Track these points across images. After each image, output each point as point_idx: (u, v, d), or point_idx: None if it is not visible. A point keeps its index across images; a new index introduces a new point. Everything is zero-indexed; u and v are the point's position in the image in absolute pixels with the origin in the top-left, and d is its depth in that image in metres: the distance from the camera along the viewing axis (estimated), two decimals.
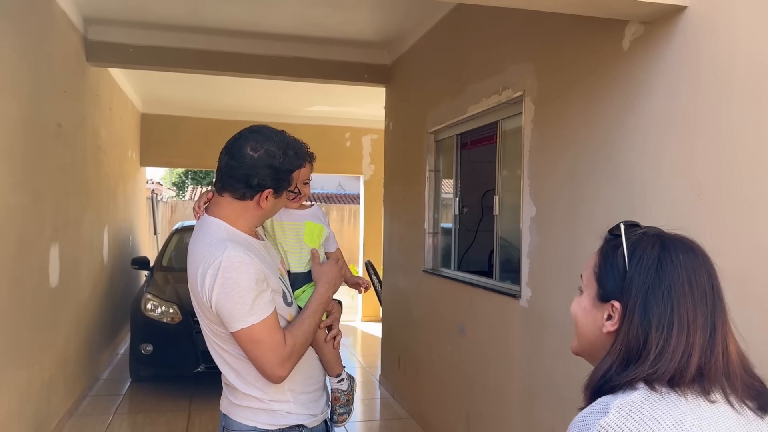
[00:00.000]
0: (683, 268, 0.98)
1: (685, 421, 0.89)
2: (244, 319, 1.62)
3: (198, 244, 1.71)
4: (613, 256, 1.03)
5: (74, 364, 5.11)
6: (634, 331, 0.97)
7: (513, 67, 3.46)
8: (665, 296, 0.96)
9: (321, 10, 4.75)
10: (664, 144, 2.27)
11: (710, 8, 2.08)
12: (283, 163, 1.71)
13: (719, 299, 0.99)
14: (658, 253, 0.99)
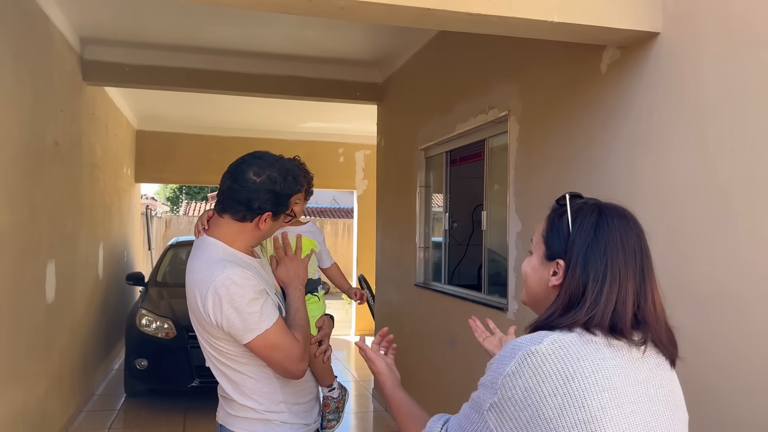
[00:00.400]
0: (617, 230, 1.13)
1: (602, 367, 1.03)
2: (257, 327, 1.71)
3: (196, 265, 1.79)
4: (558, 222, 1.18)
5: (69, 379, 5.16)
6: (575, 283, 1.12)
7: (498, 88, 3.57)
8: (601, 254, 1.11)
9: (315, 31, 4.87)
10: (639, 162, 2.38)
11: (680, 35, 2.19)
12: (283, 188, 1.80)
13: (647, 257, 1.14)
14: (596, 218, 1.14)
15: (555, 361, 1.02)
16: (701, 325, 2.04)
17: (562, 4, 2.19)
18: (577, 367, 1.01)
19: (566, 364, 1.02)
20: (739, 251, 1.90)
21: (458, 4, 2.08)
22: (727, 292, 1.94)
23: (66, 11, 4.56)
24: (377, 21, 2.21)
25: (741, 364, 1.89)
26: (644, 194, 2.34)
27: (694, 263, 2.08)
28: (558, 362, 1.02)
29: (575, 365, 1.02)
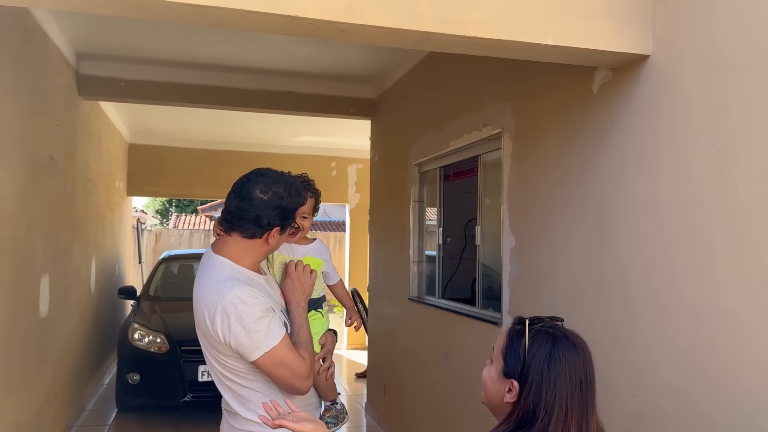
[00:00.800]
0: (567, 363, 1.29)
1: None
2: (264, 345, 1.75)
3: (204, 283, 1.83)
4: (517, 343, 1.34)
5: (62, 394, 5.14)
6: (527, 407, 1.28)
7: (492, 105, 3.64)
8: (552, 386, 1.27)
9: (309, 48, 4.94)
10: (629, 181, 2.44)
11: (670, 58, 2.27)
12: (289, 202, 1.86)
13: (591, 387, 1.31)
14: (550, 349, 1.30)
15: None
16: (695, 342, 2.10)
17: (556, 28, 2.26)
18: None
19: None
20: (731, 269, 1.96)
21: (456, 28, 2.14)
22: (720, 311, 2.00)
23: (63, 27, 4.60)
24: (377, 43, 2.27)
25: (730, 375, 1.95)
26: (636, 213, 2.40)
27: (685, 283, 2.14)
28: None
29: None
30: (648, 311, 2.33)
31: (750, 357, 1.88)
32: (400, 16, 2.09)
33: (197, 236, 18.80)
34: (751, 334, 1.88)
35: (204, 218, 23.17)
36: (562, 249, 2.92)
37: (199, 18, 2.03)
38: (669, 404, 2.20)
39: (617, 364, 2.49)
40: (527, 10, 2.23)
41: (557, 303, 2.95)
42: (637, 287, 2.38)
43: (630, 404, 2.41)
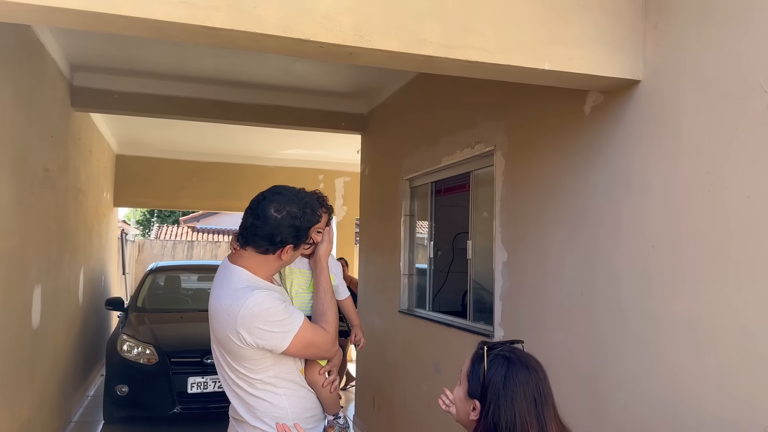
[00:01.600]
0: (520, 384, 1.47)
1: None
2: (291, 330, 1.88)
3: (223, 291, 1.91)
4: (478, 367, 1.53)
5: (49, 406, 5.11)
6: (488, 424, 1.46)
7: (484, 123, 3.75)
8: (509, 405, 1.44)
9: (303, 65, 5.03)
10: (621, 200, 2.55)
11: (660, 83, 2.39)
12: (303, 222, 1.94)
13: (546, 401, 1.49)
14: (504, 372, 1.48)
15: None
16: (683, 355, 2.20)
17: (552, 53, 2.37)
18: None
19: None
20: (718, 287, 2.07)
21: (458, 53, 2.24)
22: (707, 325, 2.10)
23: (59, 39, 4.64)
24: (383, 66, 2.36)
25: (715, 388, 2.05)
26: (627, 230, 2.51)
27: (675, 298, 2.25)
28: None
29: None
30: (638, 325, 2.43)
31: (734, 369, 1.98)
32: (405, 41, 2.19)
33: (180, 247, 18.68)
34: (735, 348, 1.98)
35: (186, 229, 23.04)
36: (554, 264, 3.02)
37: (214, 40, 2.10)
38: (657, 415, 2.30)
39: (608, 376, 2.59)
40: (525, 36, 2.34)
41: (549, 316, 3.05)
42: (628, 302, 2.49)
43: (621, 415, 2.50)
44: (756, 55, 1.98)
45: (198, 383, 5.66)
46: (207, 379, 5.68)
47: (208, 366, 5.70)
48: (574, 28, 2.40)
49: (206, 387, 5.69)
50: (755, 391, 1.91)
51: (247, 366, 1.88)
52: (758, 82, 1.96)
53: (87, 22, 2.01)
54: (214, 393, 5.69)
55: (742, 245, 1.98)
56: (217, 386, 5.69)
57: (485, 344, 1.57)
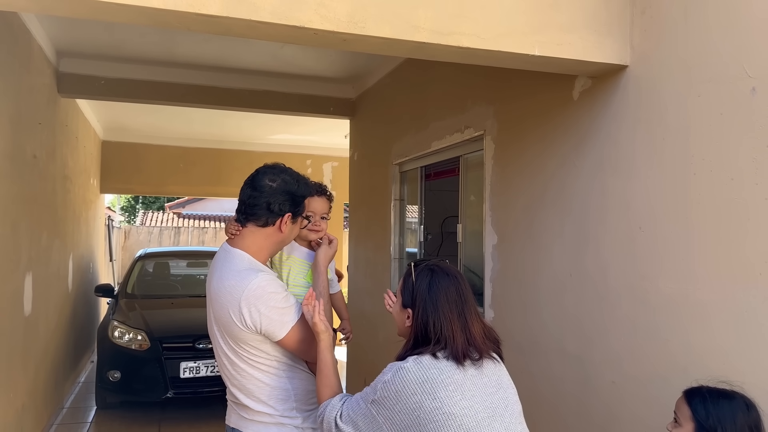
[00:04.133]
0: (442, 288, 1.70)
1: (445, 371, 1.58)
2: (291, 320, 1.91)
3: (225, 273, 1.94)
4: (407, 281, 1.76)
5: (43, 392, 5.13)
6: (419, 325, 1.69)
7: (474, 108, 3.79)
8: (433, 306, 1.68)
9: (291, 50, 5.02)
10: (608, 183, 2.62)
11: (648, 67, 2.44)
12: (297, 189, 2.01)
13: (465, 303, 1.70)
14: (429, 280, 1.71)
15: (414, 371, 1.58)
16: (671, 332, 2.28)
17: (542, 39, 2.42)
18: (429, 373, 1.58)
19: (422, 372, 1.58)
20: (703, 266, 2.14)
21: (451, 39, 2.27)
22: (694, 304, 2.18)
23: (45, 25, 4.60)
24: (376, 52, 2.39)
25: (701, 363, 2.13)
26: (615, 212, 2.57)
27: (662, 278, 2.32)
28: (416, 372, 1.58)
29: (428, 372, 1.58)
30: (626, 304, 2.50)
31: (719, 346, 2.07)
32: (398, 27, 2.22)
33: (167, 233, 18.63)
34: (720, 326, 2.06)
35: (172, 215, 22.93)
36: (543, 246, 3.09)
37: (209, 27, 2.12)
38: (647, 391, 2.38)
39: (597, 354, 2.67)
40: (516, 22, 2.37)
41: (539, 297, 3.12)
42: (616, 282, 2.56)
43: (609, 391, 2.59)
44: (740, 40, 2.03)
45: (190, 368, 5.70)
46: (199, 364, 5.72)
47: (199, 351, 5.74)
48: (564, 14, 2.44)
49: (198, 372, 5.73)
50: (741, 365, 1.99)
51: (249, 349, 1.92)
52: (743, 67, 2.02)
53: (82, 10, 2.02)
54: (206, 378, 5.74)
55: (726, 225, 2.05)
56: (209, 371, 5.74)
57: (413, 262, 1.83)
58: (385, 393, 1.58)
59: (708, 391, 1.76)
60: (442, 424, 1.52)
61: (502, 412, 1.62)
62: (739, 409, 1.70)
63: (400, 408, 1.56)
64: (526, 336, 3.19)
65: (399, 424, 1.56)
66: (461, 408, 1.54)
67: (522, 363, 3.15)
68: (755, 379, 1.90)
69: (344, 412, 1.68)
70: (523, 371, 3.14)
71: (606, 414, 2.61)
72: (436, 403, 1.53)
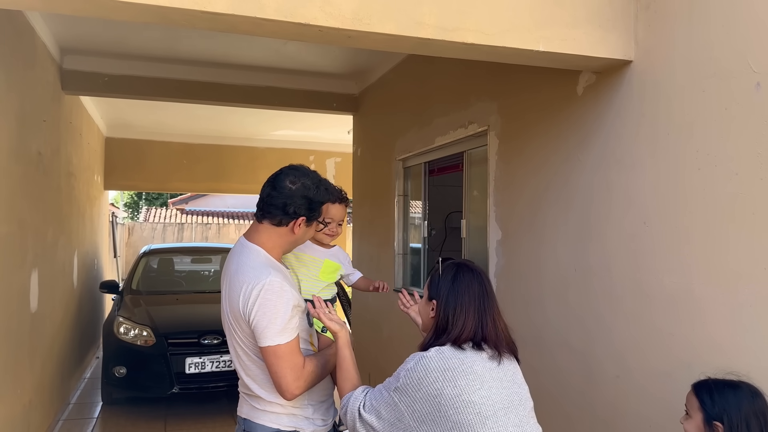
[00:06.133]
0: (465, 283, 1.77)
1: (466, 361, 1.65)
2: (273, 338, 1.88)
3: (242, 266, 1.96)
4: (434, 277, 1.85)
5: (49, 388, 5.16)
6: (442, 316, 1.76)
7: (478, 104, 3.79)
8: (455, 298, 1.76)
9: (294, 46, 5.02)
10: (613, 178, 2.62)
11: (652, 62, 2.44)
12: (316, 195, 2.02)
13: (487, 297, 1.77)
14: (454, 274, 1.80)
15: (437, 360, 1.64)
16: (675, 327, 2.29)
17: (546, 35, 2.42)
18: (450, 362, 1.64)
19: (443, 361, 1.64)
20: (707, 261, 2.15)
21: (455, 35, 2.28)
22: (697, 298, 2.19)
23: (49, 23, 4.61)
24: (381, 48, 2.40)
25: (706, 357, 2.14)
26: (619, 208, 2.58)
27: (665, 272, 2.33)
28: (438, 361, 1.64)
29: (449, 362, 1.64)
30: (630, 299, 2.51)
31: (722, 341, 2.07)
32: (403, 24, 2.22)
33: (171, 230, 18.65)
34: (724, 321, 2.07)
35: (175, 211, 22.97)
36: (547, 241, 3.09)
37: (215, 25, 2.13)
38: (651, 386, 2.39)
39: (601, 349, 2.68)
40: (520, 18, 2.38)
41: (543, 292, 3.13)
42: (620, 277, 2.57)
43: (614, 386, 2.60)
44: (745, 34, 2.03)
45: (195, 363, 5.73)
46: (204, 360, 5.75)
47: (204, 347, 5.77)
48: (568, 10, 2.45)
49: (204, 367, 5.76)
50: (745, 360, 1.99)
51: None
52: (747, 62, 2.02)
53: (87, 8, 2.03)
54: (211, 373, 5.76)
55: (730, 220, 2.06)
56: (214, 366, 5.76)
57: (441, 257, 1.92)
58: (408, 381, 1.64)
59: (714, 383, 1.80)
60: (461, 410, 1.59)
61: (517, 405, 1.68)
62: (744, 398, 1.74)
63: (421, 395, 1.61)
64: (530, 331, 3.20)
65: (420, 411, 1.62)
66: (480, 397, 1.61)
67: (526, 357, 3.14)
68: (758, 374, 1.91)
69: (367, 402, 1.73)
70: (528, 366, 3.13)
71: (610, 408, 2.62)
72: (456, 391, 1.60)
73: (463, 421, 1.58)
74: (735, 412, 1.71)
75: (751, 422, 1.70)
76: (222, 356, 5.78)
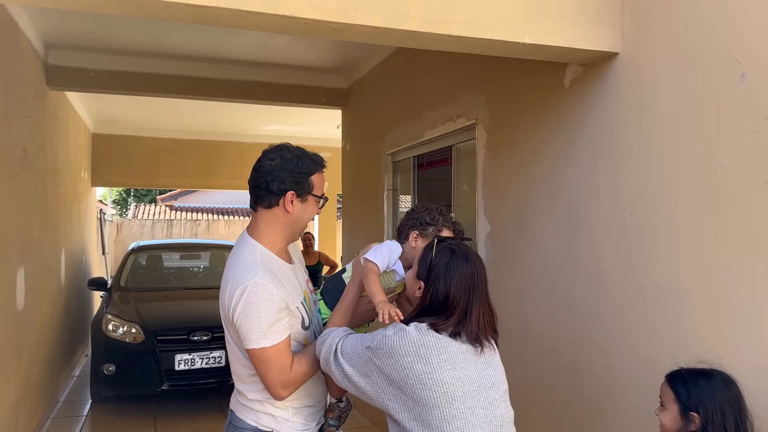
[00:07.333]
0: (457, 271, 1.75)
1: (441, 341, 1.67)
2: (256, 341, 1.82)
3: (233, 262, 1.93)
4: (427, 255, 1.80)
5: (37, 386, 5.12)
6: (429, 299, 1.76)
7: (466, 97, 3.79)
8: (444, 285, 1.73)
9: (282, 40, 4.99)
10: (600, 170, 2.62)
11: (638, 54, 2.45)
12: (297, 166, 1.92)
13: (477, 287, 1.75)
14: (447, 260, 1.76)
15: (413, 335, 1.66)
16: (662, 317, 2.30)
17: (533, 27, 2.41)
18: (425, 340, 1.66)
19: (419, 338, 1.66)
20: (693, 252, 2.16)
21: (441, 27, 2.27)
22: (683, 289, 2.20)
23: (32, 17, 4.55)
24: (367, 41, 2.38)
25: (693, 347, 2.15)
26: (606, 200, 2.58)
27: (653, 264, 2.34)
28: (415, 336, 1.66)
29: (424, 339, 1.66)
30: (618, 291, 2.52)
31: (708, 331, 2.08)
32: (389, 16, 2.21)
33: (159, 226, 18.57)
34: (710, 311, 2.08)
35: (164, 208, 22.85)
36: (536, 234, 3.10)
37: (198, 17, 2.10)
38: (639, 376, 2.40)
39: (589, 340, 2.69)
40: (507, 10, 2.37)
41: (532, 284, 3.14)
42: (608, 268, 2.57)
43: (603, 376, 2.61)
44: (730, 26, 2.04)
45: (185, 360, 5.71)
46: (194, 356, 5.73)
47: (194, 343, 5.74)
48: (554, 2, 2.44)
49: (193, 364, 5.73)
50: (730, 350, 2.01)
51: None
52: (732, 53, 2.02)
53: (69, 2, 2.00)
54: (201, 369, 5.74)
55: (716, 211, 2.07)
56: (204, 363, 5.74)
57: (438, 238, 1.88)
58: (382, 345, 1.67)
59: (687, 372, 1.81)
60: (429, 387, 1.61)
61: (489, 388, 1.70)
62: (718, 386, 1.75)
63: (391, 363, 1.65)
64: (519, 323, 3.21)
65: (389, 375, 1.66)
66: (450, 377, 1.62)
67: (516, 349, 3.17)
68: (743, 363, 1.92)
69: (345, 347, 1.76)
70: (517, 358, 3.16)
71: (599, 399, 2.63)
72: (427, 368, 1.62)
73: (427, 400, 1.60)
74: (710, 402, 1.72)
75: (725, 410, 1.71)
76: (212, 353, 5.76)
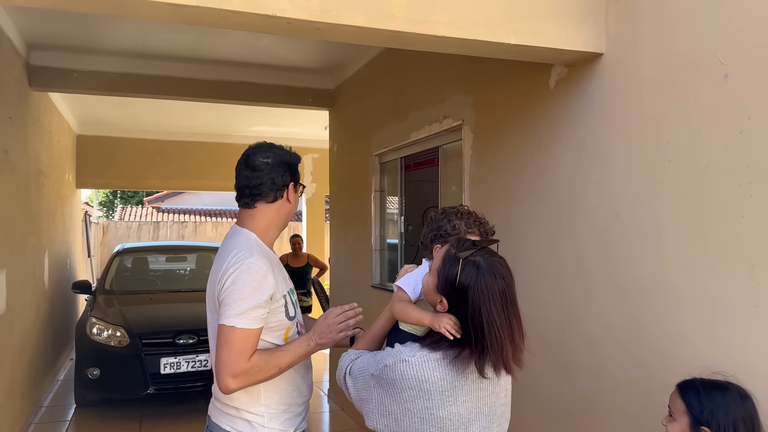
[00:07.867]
0: (483, 292, 1.52)
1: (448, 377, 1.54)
2: (230, 318, 1.82)
3: (228, 249, 1.94)
4: (449, 268, 1.57)
5: (20, 391, 5.05)
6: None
7: (452, 98, 3.78)
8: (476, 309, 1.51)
9: (267, 39, 4.96)
10: (585, 170, 2.62)
11: (623, 55, 2.45)
12: (291, 157, 2.07)
13: (509, 302, 1.55)
14: (473, 284, 1.53)
15: (417, 368, 1.54)
16: (648, 317, 2.30)
17: (518, 28, 2.40)
18: (431, 375, 1.54)
19: (423, 373, 1.54)
20: (677, 252, 2.16)
21: (426, 27, 2.25)
22: (669, 289, 2.20)
23: (13, 17, 4.49)
24: (351, 41, 2.36)
25: (679, 347, 2.15)
26: (591, 200, 2.58)
27: (638, 264, 2.33)
28: (419, 370, 1.54)
29: (430, 374, 1.54)
30: (603, 291, 2.51)
31: (693, 331, 2.08)
32: (372, 16, 2.19)
33: (146, 228, 18.40)
34: (695, 311, 2.08)
35: (151, 210, 22.67)
36: (521, 234, 3.09)
37: (179, 17, 2.07)
38: (625, 376, 2.40)
39: (575, 340, 2.68)
40: (492, 10, 2.36)
41: (517, 286, 3.11)
42: (594, 269, 2.57)
43: (588, 376, 2.60)
44: (713, 26, 2.04)
45: (171, 363, 5.65)
46: (180, 359, 5.67)
47: (180, 346, 5.69)
48: (539, 2, 2.43)
49: (179, 367, 5.68)
50: (715, 350, 2.01)
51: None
52: (715, 54, 2.02)
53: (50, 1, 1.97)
54: (187, 373, 5.69)
55: (700, 212, 2.07)
56: (189, 366, 5.69)
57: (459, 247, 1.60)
58: (383, 375, 1.59)
59: (701, 383, 1.71)
60: (427, 422, 1.54)
61: (487, 415, 1.61)
62: (733, 401, 1.65)
63: (391, 393, 1.58)
64: None
65: (387, 408, 1.59)
66: (449, 413, 1.55)
67: None
68: (729, 364, 1.92)
69: (354, 369, 1.70)
70: None
71: (585, 399, 2.63)
72: (429, 404, 1.55)
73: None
74: (723, 416, 1.62)
75: (738, 427, 1.62)
76: (198, 356, 5.71)
